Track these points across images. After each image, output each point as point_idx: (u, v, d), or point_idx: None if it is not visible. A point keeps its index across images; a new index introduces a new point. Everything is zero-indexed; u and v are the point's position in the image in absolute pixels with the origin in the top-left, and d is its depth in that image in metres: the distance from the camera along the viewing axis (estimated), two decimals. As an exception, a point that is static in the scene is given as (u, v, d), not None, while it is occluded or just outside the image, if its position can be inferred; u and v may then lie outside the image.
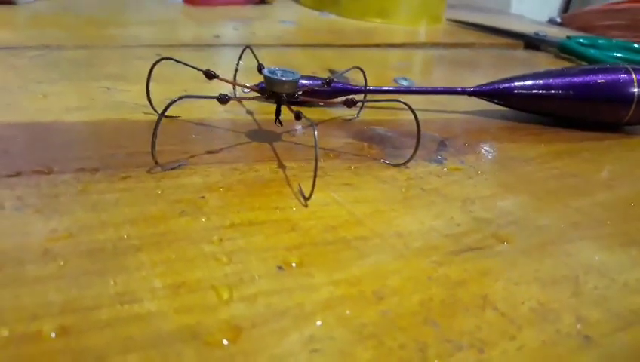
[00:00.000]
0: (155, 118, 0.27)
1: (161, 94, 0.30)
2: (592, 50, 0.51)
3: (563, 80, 0.33)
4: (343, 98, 0.25)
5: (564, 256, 0.20)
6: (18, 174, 0.21)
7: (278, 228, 0.20)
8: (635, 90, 0.33)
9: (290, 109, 0.25)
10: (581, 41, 0.54)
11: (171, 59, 0.26)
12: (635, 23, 0.62)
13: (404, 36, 0.54)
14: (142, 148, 0.24)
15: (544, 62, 0.52)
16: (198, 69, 0.26)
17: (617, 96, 0.33)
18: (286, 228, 0.20)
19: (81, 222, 0.18)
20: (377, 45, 0.47)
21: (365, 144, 0.28)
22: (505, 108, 0.34)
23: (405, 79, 0.38)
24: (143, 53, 0.36)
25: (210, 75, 0.26)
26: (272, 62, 0.39)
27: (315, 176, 0.21)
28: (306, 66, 0.39)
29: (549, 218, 0.23)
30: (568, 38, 0.56)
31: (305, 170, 0.24)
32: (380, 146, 0.28)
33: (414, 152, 0.25)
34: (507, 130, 0.32)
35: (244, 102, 0.30)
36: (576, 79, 0.33)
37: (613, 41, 0.57)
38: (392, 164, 0.26)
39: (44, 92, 0.29)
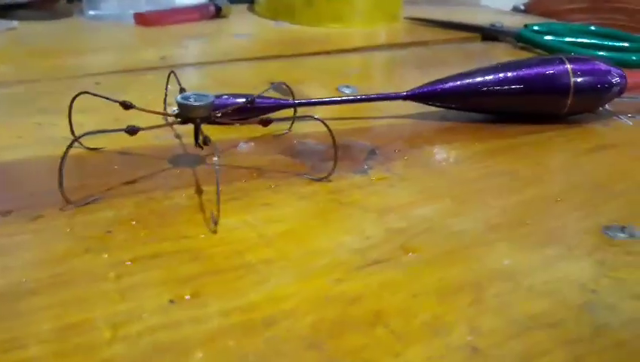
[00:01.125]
0: (81, 151, 0.27)
1: (94, 125, 0.30)
2: (546, 38, 0.51)
3: (497, 76, 0.33)
4: (259, 118, 0.25)
5: (473, 262, 0.20)
6: None
7: (180, 258, 0.20)
8: (571, 79, 0.33)
9: (200, 134, 0.25)
10: (536, 28, 0.54)
11: (88, 93, 0.26)
12: (595, 5, 0.61)
13: (359, 39, 0.54)
14: (67, 184, 0.24)
15: (500, 53, 0.52)
16: (115, 101, 0.26)
17: (554, 87, 0.33)
18: (189, 257, 0.20)
19: (-20, 270, 0.19)
20: (328, 52, 0.47)
21: (292, 159, 0.28)
22: (445, 109, 0.34)
23: (348, 87, 0.38)
24: (84, 84, 0.36)
25: (126, 106, 0.26)
26: (217, 79, 0.39)
27: (218, 203, 0.21)
28: (251, 81, 0.39)
29: (467, 222, 0.23)
30: (526, 26, 0.56)
31: (223, 193, 0.24)
32: (307, 161, 0.28)
33: (334, 166, 0.25)
34: (443, 132, 0.32)
35: (175, 126, 0.31)
36: (511, 74, 0.33)
37: (570, 26, 0.57)
38: (313, 179, 0.26)
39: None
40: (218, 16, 0.57)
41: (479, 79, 0.33)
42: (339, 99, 0.33)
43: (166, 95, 0.30)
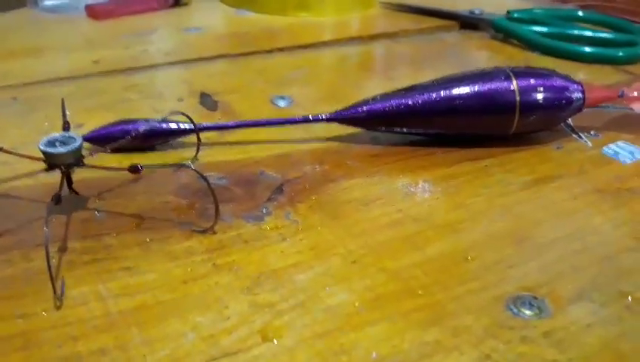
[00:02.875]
0: None
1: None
2: (525, 28, 0.47)
3: (431, 95, 0.29)
4: (127, 166, 0.23)
5: (335, 354, 0.18)
6: None
7: (8, 346, 0.18)
8: (516, 98, 0.29)
9: (68, 182, 0.23)
10: (517, 15, 0.50)
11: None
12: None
13: (321, 32, 0.50)
14: None
15: (473, 45, 0.48)
16: (-20, 144, 0.24)
17: (496, 106, 0.29)
18: (16, 346, 0.18)
19: None
20: (281, 49, 0.44)
21: (184, 201, 0.25)
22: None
23: (283, 98, 0.35)
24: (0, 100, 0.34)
25: (-7, 149, 0.24)
26: (142, 90, 0.36)
27: (51, 278, 0.19)
28: (179, 90, 0.36)
29: (347, 292, 0.20)
30: (508, 12, 0.51)
31: (88, 252, 0.22)
32: (200, 203, 0.25)
33: (215, 221, 0.23)
34: (369, 159, 0.29)
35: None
36: (447, 92, 0.29)
37: (556, 11, 0.52)
38: (197, 231, 0.23)
39: None
40: (178, 4, 0.54)
41: (410, 99, 0.29)
42: (244, 122, 0.30)
43: (65, 123, 0.28)
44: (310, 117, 0.30)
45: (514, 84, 0.29)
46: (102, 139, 0.28)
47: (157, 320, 0.19)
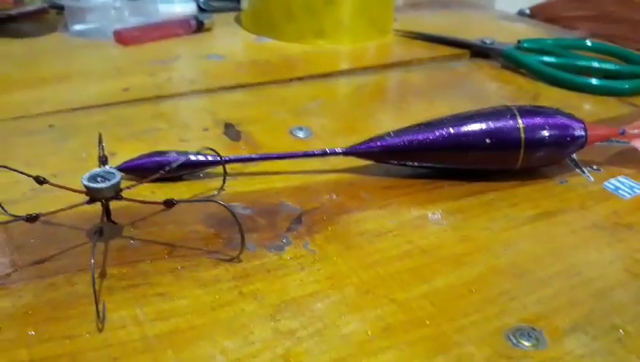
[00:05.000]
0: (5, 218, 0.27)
1: (18, 188, 0.30)
2: (533, 59, 0.49)
3: (441, 132, 0.31)
4: (162, 200, 0.25)
5: (349, 378, 0.20)
6: None
7: (55, 366, 0.20)
8: (521, 135, 0.31)
9: (107, 214, 0.25)
10: (526, 45, 0.51)
11: (4, 167, 0.27)
12: (602, 14, 0.57)
13: (337, 61, 0.52)
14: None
15: (484, 74, 0.50)
16: (28, 175, 0.26)
17: (503, 144, 0.31)
18: (64, 365, 0.20)
19: None
20: (299, 78, 0.46)
21: (211, 231, 0.27)
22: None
23: (302, 129, 0.37)
24: (33, 127, 0.36)
25: (40, 181, 0.26)
26: (169, 118, 0.38)
27: (96, 304, 0.21)
28: (205, 120, 0.38)
29: (359, 321, 0.22)
30: (519, 42, 0.53)
31: (125, 278, 0.24)
32: (225, 233, 0.27)
33: (241, 250, 0.25)
34: (381, 191, 0.31)
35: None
36: (456, 129, 0.31)
37: (566, 41, 0.54)
38: (223, 259, 0.25)
39: None
40: (201, 30, 0.56)
41: (421, 136, 0.31)
42: (269, 155, 0.32)
43: (101, 155, 0.30)
44: (327, 150, 0.32)
45: (519, 123, 0.31)
46: (136, 170, 0.31)
47: (189, 343, 0.21)
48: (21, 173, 0.27)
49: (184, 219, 0.28)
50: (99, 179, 0.25)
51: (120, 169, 0.31)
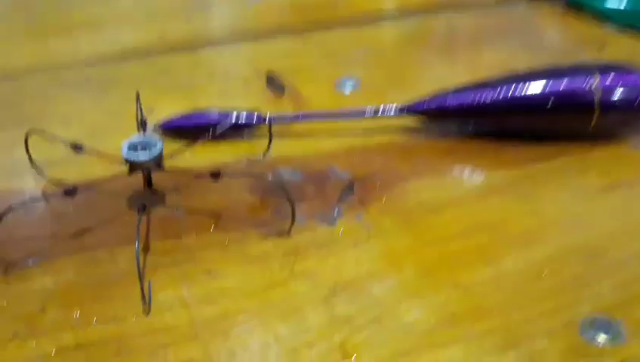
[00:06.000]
0: (39, 184, 0.26)
1: (56, 151, 0.29)
2: (598, 0, 0.44)
3: (507, 91, 0.28)
4: (208, 172, 0.23)
5: (413, 375, 0.19)
6: None
7: (102, 352, 0.19)
8: (595, 97, 0.28)
9: (148, 184, 0.23)
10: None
11: (40, 132, 0.25)
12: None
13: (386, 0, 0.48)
14: (19, 233, 0.23)
15: (544, 18, 0.45)
16: (65, 142, 0.25)
17: (575, 106, 0.28)
18: (112, 351, 0.19)
19: None
20: (344, 24, 0.43)
21: (258, 199, 0.26)
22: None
23: (350, 79, 0.35)
24: (70, 79, 0.34)
25: (76, 148, 0.24)
26: (208, 68, 0.36)
27: (142, 289, 0.20)
28: (245, 70, 0.36)
29: (422, 308, 0.21)
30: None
31: (169, 253, 0.23)
32: (275, 200, 0.25)
33: (291, 224, 0.23)
34: (439, 154, 0.29)
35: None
36: (522, 89, 0.28)
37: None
38: (272, 233, 0.24)
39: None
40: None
41: (484, 95, 0.28)
42: (317, 113, 0.30)
43: (141, 118, 0.29)
44: (381, 108, 0.29)
45: (594, 82, 0.28)
46: (175, 130, 0.29)
47: (240, 329, 0.20)
48: (57, 138, 0.25)
49: (229, 186, 0.26)
50: (139, 147, 0.23)
51: (160, 127, 0.29)
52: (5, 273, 0.22)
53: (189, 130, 0.29)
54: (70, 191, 0.22)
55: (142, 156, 0.23)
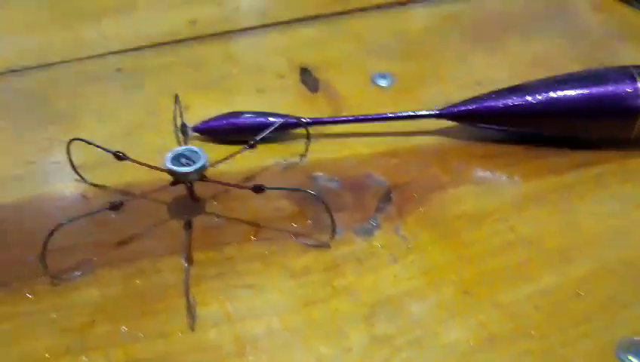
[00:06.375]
0: (85, 188, 0.26)
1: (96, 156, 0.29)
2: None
3: (547, 95, 0.28)
4: (251, 184, 0.23)
5: (453, 400, 0.19)
6: None
7: (153, 369, 0.20)
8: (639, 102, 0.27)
9: (191, 195, 0.24)
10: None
11: (82, 140, 0.25)
12: None
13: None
14: (64, 242, 0.24)
15: (587, 4, 0.44)
16: (108, 151, 0.25)
17: (617, 110, 0.28)
18: (161, 368, 0.20)
19: (-31, 370, 0.20)
20: (378, 6, 0.42)
21: (296, 208, 0.26)
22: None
23: (384, 76, 0.34)
24: (101, 71, 0.34)
25: (119, 157, 0.25)
26: (238, 60, 0.36)
27: (188, 303, 0.21)
28: (277, 62, 0.35)
29: (461, 329, 0.21)
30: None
31: (212, 264, 0.23)
32: (313, 209, 0.26)
33: (332, 235, 0.24)
34: (478, 160, 0.29)
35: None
36: (563, 92, 0.28)
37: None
38: (311, 245, 0.24)
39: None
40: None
41: (523, 99, 0.28)
42: (353, 117, 0.29)
43: (180, 119, 0.29)
44: (419, 113, 0.29)
45: (638, 86, 0.27)
46: (212, 131, 0.29)
47: (284, 348, 0.20)
48: (100, 147, 0.25)
49: (267, 193, 0.26)
50: (182, 160, 0.23)
51: (196, 130, 0.29)
52: (53, 284, 0.22)
53: (226, 132, 0.29)
54: (116, 206, 0.22)
55: (186, 170, 0.23)
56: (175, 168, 0.23)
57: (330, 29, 0.39)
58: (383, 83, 0.34)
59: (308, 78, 0.34)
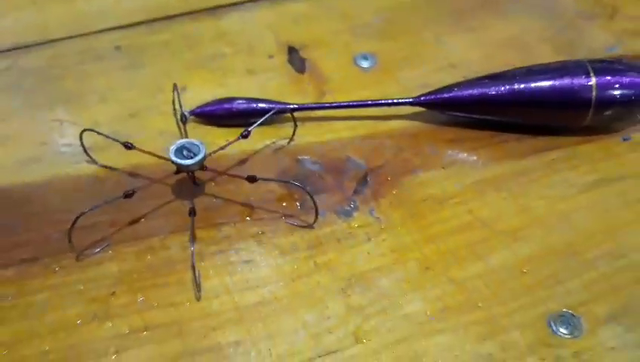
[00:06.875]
0: (95, 169, 0.29)
1: (113, 120, 0.32)
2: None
3: (512, 87, 0.31)
4: (245, 175, 0.27)
5: (410, 359, 0.24)
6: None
7: (166, 333, 0.24)
8: (592, 94, 0.30)
9: (193, 182, 0.27)
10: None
11: (93, 131, 0.28)
12: None
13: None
14: (79, 223, 0.27)
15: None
16: (117, 141, 0.28)
17: (573, 101, 0.31)
18: (173, 333, 0.24)
19: (15, 334, 0.24)
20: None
21: (287, 190, 0.29)
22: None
23: (366, 57, 0.37)
24: (101, 48, 0.36)
25: (128, 147, 0.28)
26: (231, 38, 0.38)
27: (194, 277, 0.25)
28: (264, 42, 0.37)
29: (420, 301, 0.25)
30: None
31: (214, 242, 0.27)
32: (300, 193, 0.29)
33: (315, 218, 0.27)
34: (447, 145, 0.32)
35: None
36: (527, 85, 0.31)
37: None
38: (299, 225, 0.28)
39: (3, 134, 0.32)
40: None
41: (492, 89, 0.31)
42: (336, 104, 0.32)
43: (179, 110, 0.32)
44: (395, 100, 0.32)
45: (591, 81, 0.30)
46: (207, 115, 0.32)
47: (275, 316, 0.25)
48: (111, 138, 0.29)
49: (259, 175, 0.30)
50: (185, 152, 0.27)
51: (193, 113, 0.32)
52: (77, 259, 0.26)
53: (219, 116, 0.32)
54: (129, 195, 0.26)
55: (188, 162, 0.26)
56: (179, 161, 0.26)
57: (318, 4, 0.41)
58: (365, 64, 0.37)
59: (295, 58, 0.37)
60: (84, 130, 0.29)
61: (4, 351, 0.23)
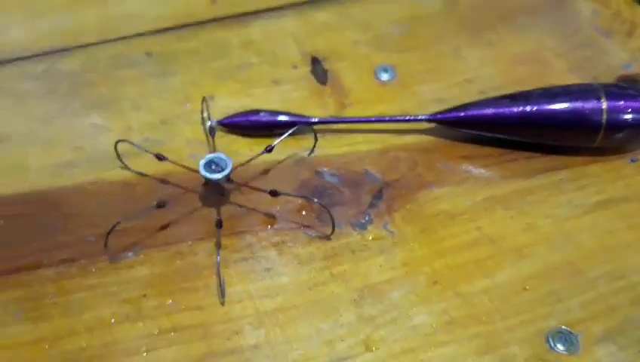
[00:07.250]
0: (128, 175, 0.31)
1: (145, 127, 0.34)
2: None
3: (525, 107, 0.32)
4: (268, 189, 0.29)
5: (416, 369, 0.26)
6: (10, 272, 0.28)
7: (192, 335, 0.26)
8: (603, 117, 0.32)
9: (221, 193, 0.29)
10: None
11: (126, 141, 0.30)
12: None
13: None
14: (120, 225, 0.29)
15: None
16: (150, 152, 0.30)
17: (584, 123, 0.32)
18: (199, 335, 0.26)
19: (55, 331, 0.26)
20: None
21: (304, 202, 0.31)
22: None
23: (386, 70, 0.38)
24: (133, 54, 0.38)
25: (160, 158, 0.30)
26: (257, 47, 0.39)
27: (220, 285, 0.27)
28: (288, 52, 0.39)
29: (427, 314, 0.27)
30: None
31: (238, 249, 0.29)
32: (318, 203, 0.31)
33: (332, 231, 0.29)
34: (459, 161, 0.33)
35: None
36: (540, 106, 0.32)
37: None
38: (315, 236, 0.30)
39: (42, 137, 0.34)
40: None
41: (506, 109, 0.32)
42: (355, 119, 0.34)
43: (208, 122, 0.33)
44: (412, 117, 0.34)
45: (603, 105, 0.32)
46: (234, 127, 0.34)
47: (292, 321, 0.27)
48: (140, 148, 0.31)
49: (280, 185, 0.31)
50: (213, 166, 0.28)
51: (221, 124, 0.34)
52: (111, 262, 0.28)
53: (244, 127, 0.34)
54: (161, 205, 0.28)
55: (216, 176, 0.28)
56: (208, 175, 0.28)
57: (337, 14, 0.42)
58: (384, 77, 0.38)
59: (318, 69, 0.38)
60: (119, 141, 0.31)
61: (46, 346, 0.26)
